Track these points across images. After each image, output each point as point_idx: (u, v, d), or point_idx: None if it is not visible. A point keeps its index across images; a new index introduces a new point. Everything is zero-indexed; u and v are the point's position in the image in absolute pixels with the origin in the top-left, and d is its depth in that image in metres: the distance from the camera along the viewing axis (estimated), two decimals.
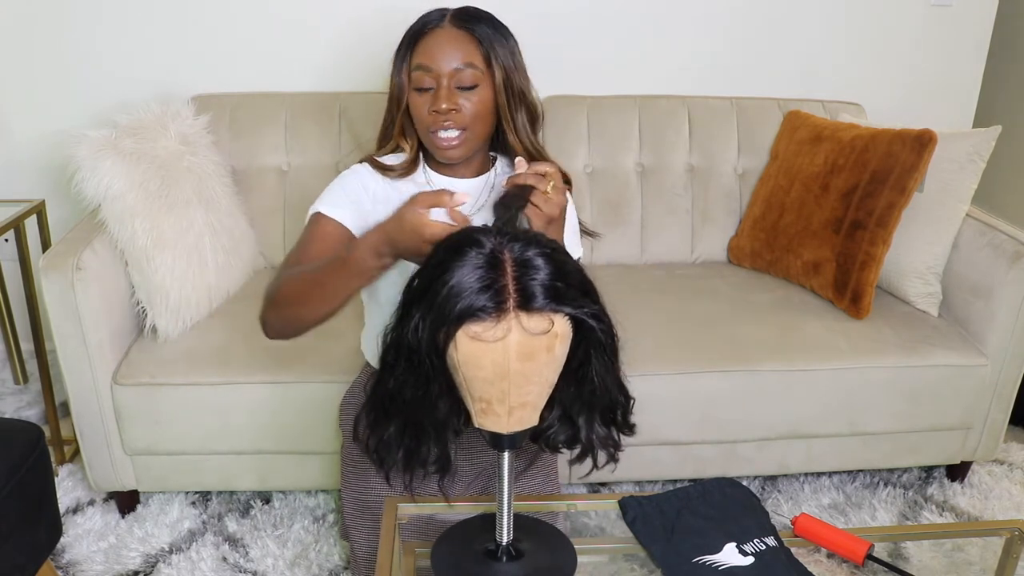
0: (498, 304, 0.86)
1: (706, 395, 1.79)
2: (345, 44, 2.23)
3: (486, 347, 0.87)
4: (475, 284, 0.87)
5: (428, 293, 0.90)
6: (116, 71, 2.21)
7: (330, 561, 1.74)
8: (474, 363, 0.88)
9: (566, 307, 0.89)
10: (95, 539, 1.78)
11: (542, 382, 0.92)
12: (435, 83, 1.23)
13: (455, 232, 0.96)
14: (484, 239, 0.91)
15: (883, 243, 1.89)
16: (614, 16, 2.29)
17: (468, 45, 1.24)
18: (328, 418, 1.72)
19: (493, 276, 0.87)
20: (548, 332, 0.88)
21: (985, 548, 1.73)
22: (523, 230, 0.96)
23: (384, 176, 1.32)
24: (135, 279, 1.76)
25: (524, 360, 0.88)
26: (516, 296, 0.87)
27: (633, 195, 2.21)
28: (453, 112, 1.23)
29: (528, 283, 0.88)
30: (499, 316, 0.87)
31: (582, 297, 0.92)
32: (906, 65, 2.44)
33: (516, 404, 0.91)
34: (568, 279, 0.91)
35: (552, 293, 0.88)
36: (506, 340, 0.87)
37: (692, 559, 1.06)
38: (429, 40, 1.24)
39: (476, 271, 0.88)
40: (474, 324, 0.87)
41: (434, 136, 1.25)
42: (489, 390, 0.90)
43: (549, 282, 0.89)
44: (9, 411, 2.23)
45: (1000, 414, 1.93)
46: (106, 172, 1.67)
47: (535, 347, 0.88)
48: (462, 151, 1.27)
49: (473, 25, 1.25)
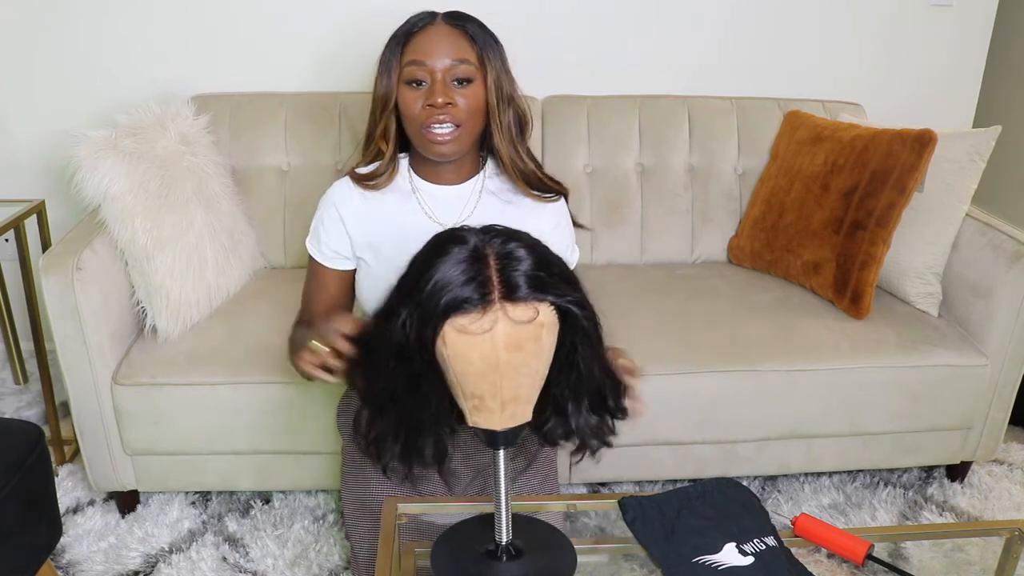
0: (483, 296, 0.88)
1: (706, 395, 1.79)
2: (345, 44, 2.23)
3: (474, 340, 0.88)
4: (459, 277, 0.89)
5: (413, 291, 0.92)
6: (116, 71, 2.21)
7: (330, 561, 1.74)
8: (464, 357, 0.89)
9: (550, 295, 0.91)
10: (95, 539, 1.78)
11: (532, 374, 0.93)
12: (429, 77, 1.23)
13: (440, 231, 0.98)
14: (468, 236, 0.93)
15: (883, 243, 1.89)
16: (614, 16, 2.29)
17: (462, 41, 1.24)
18: (328, 418, 1.72)
19: (477, 269, 0.89)
20: (534, 321, 0.89)
21: (985, 548, 1.74)
22: (504, 227, 0.98)
23: (368, 190, 1.32)
24: (135, 279, 1.76)
25: (512, 351, 0.89)
26: (500, 287, 0.89)
27: (633, 195, 2.21)
28: (449, 106, 1.22)
29: (511, 274, 0.89)
30: (485, 308, 0.88)
31: (564, 286, 0.93)
32: (906, 65, 2.44)
33: (508, 398, 0.92)
34: (550, 269, 0.93)
35: (535, 283, 0.90)
36: (493, 331, 0.88)
37: (692, 559, 1.06)
38: (422, 37, 1.24)
39: (460, 265, 0.89)
40: (460, 317, 0.88)
41: (427, 131, 1.24)
42: (481, 384, 0.91)
43: (532, 272, 0.90)
44: (9, 411, 2.23)
45: (1000, 414, 1.93)
46: (106, 172, 1.67)
47: (522, 337, 0.89)
48: (454, 147, 1.26)
49: (465, 24, 1.25)
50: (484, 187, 1.35)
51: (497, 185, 1.36)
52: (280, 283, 2.03)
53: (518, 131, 1.32)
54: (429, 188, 1.33)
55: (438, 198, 1.33)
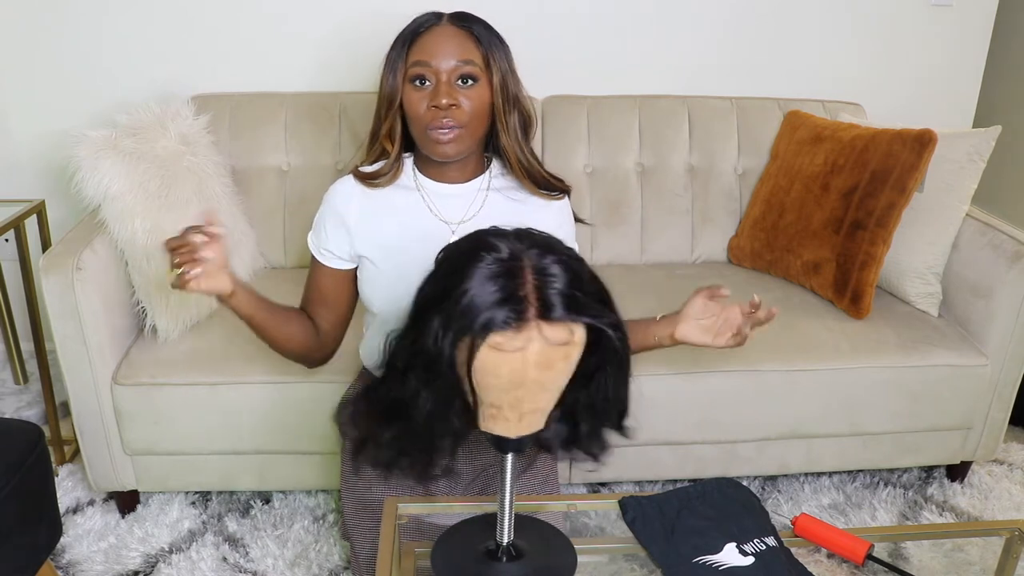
0: (519, 314, 0.85)
1: (706, 395, 1.79)
2: (345, 44, 2.23)
3: (505, 356, 0.86)
4: (496, 294, 0.85)
5: (446, 301, 0.88)
6: (116, 71, 2.21)
7: (330, 561, 1.74)
8: (492, 372, 0.87)
9: (585, 316, 0.88)
10: (95, 539, 1.78)
11: (556, 389, 0.92)
12: (434, 78, 1.23)
13: (468, 235, 0.94)
14: (500, 243, 0.89)
15: (883, 243, 1.89)
16: (614, 16, 2.29)
17: (468, 43, 1.24)
18: (328, 418, 1.72)
19: (513, 285, 0.86)
20: (569, 343, 0.87)
21: (985, 548, 1.74)
22: (538, 232, 0.94)
23: (371, 188, 1.32)
24: (135, 279, 1.76)
25: (542, 369, 0.87)
26: (537, 305, 0.86)
27: (633, 195, 2.21)
28: (453, 108, 1.22)
29: (548, 292, 0.86)
30: (520, 326, 0.85)
31: (599, 305, 0.91)
32: (906, 65, 2.44)
33: (528, 410, 0.91)
34: (584, 287, 0.90)
35: (570, 302, 0.87)
36: (526, 349, 0.86)
37: (692, 559, 1.06)
38: (428, 37, 1.24)
39: (496, 279, 0.86)
40: (496, 335, 0.85)
41: (431, 132, 1.24)
42: (502, 397, 0.90)
43: (568, 291, 0.87)
44: (9, 411, 2.23)
45: (1000, 414, 1.93)
46: (106, 172, 1.67)
47: (554, 356, 0.87)
48: (457, 147, 1.25)
49: (471, 25, 1.26)
50: (490, 185, 1.35)
51: (503, 184, 1.36)
52: (280, 283, 2.02)
53: (523, 131, 1.32)
54: (434, 186, 1.33)
55: (443, 196, 1.33)
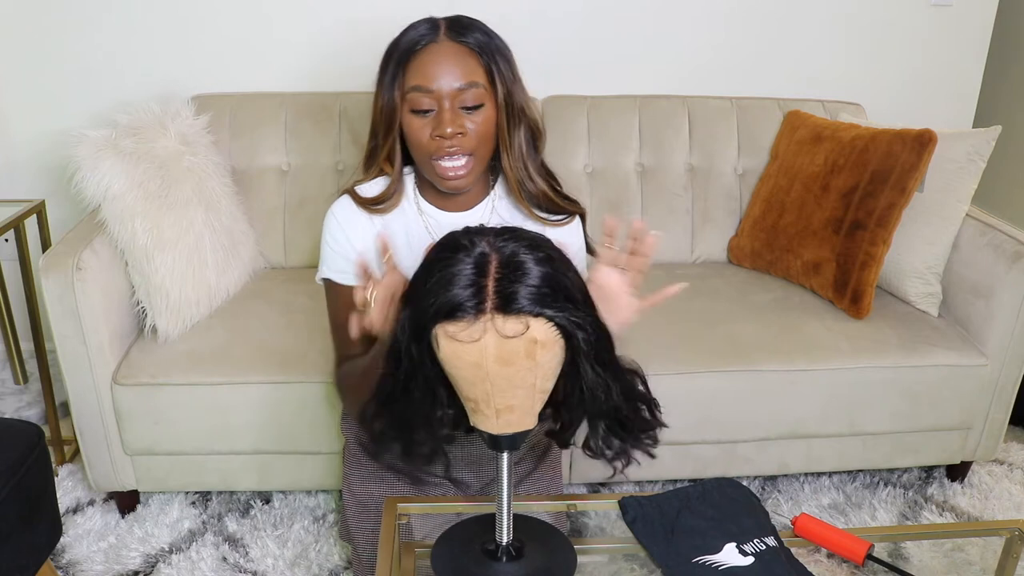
0: (476, 305, 0.87)
1: (706, 395, 1.79)
2: (345, 44, 2.23)
3: (464, 347, 0.88)
4: (456, 284, 0.87)
5: (417, 291, 0.92)
6: (116, 71, 2.21)
7: (330, 561, 1.74)
8: (455, 362, 0.89)
9: (547, 312, 0.87)
10: (95, 539, 1.78)
11: (528, 387, 0.91)
12: (436, 105, 1.13)
13: (451, 232, 0.96)
14: (478, 240, 0.91)
15: (883, 243, 1.89)
16: (614, 16, 2.29)
17: (469, 61, 1.14)
18: (328, 418, 1.72)
19: (475, 277, 0.88)
20: (523, 336, 0.87)
21: (985, 548, 1.74)
22: (526, 233, 0.94)
23: (373, 214, 1.24)
24: (135, 279, 1.76)
25: (503, 364, 0.88)
26: (495, 298, 0.87)
27: (633, 195, 2.21)
28: (459, 136, 1.14)
29: (511, 286, 0.87)
30: (477, 317, 0.87)
31: (567, 303, 0.89)
32: (906, 65, 2.44)
33: (502, 407, 0.91)
34: (557, 284, 0.89)
35: (534, 298, 0.87)
36: (482, 342, 0.87)
37: (692, 559, 1.06)
38: (425, 58, 1.14)
39: (461, 271, 0.88)
40: (451, 324, 0.87)
41: (437, 164, 1.16)
42: (473, 390, 0.91)
43: (534, 285, 0.87)
44: (9, 411, 2.23)
45: (1000, 414, 1.93)
46: (106, 172, 1.67)
47: (513, 351, 0.87)
48: (468, 180, 1.18)
49: (470, 38, 1.15)
50: (495, 209, 1.28)
51: (507, 206, 1.29)
52: (280, 283, 2.03)
53: (530, 146, 1.22)
54: (437, 214, 1.26)
55: (446, 226, 1.22)
